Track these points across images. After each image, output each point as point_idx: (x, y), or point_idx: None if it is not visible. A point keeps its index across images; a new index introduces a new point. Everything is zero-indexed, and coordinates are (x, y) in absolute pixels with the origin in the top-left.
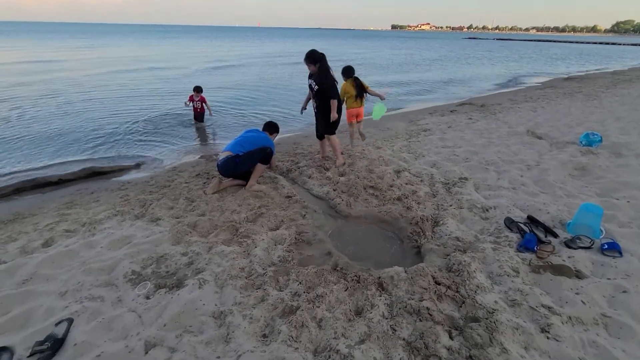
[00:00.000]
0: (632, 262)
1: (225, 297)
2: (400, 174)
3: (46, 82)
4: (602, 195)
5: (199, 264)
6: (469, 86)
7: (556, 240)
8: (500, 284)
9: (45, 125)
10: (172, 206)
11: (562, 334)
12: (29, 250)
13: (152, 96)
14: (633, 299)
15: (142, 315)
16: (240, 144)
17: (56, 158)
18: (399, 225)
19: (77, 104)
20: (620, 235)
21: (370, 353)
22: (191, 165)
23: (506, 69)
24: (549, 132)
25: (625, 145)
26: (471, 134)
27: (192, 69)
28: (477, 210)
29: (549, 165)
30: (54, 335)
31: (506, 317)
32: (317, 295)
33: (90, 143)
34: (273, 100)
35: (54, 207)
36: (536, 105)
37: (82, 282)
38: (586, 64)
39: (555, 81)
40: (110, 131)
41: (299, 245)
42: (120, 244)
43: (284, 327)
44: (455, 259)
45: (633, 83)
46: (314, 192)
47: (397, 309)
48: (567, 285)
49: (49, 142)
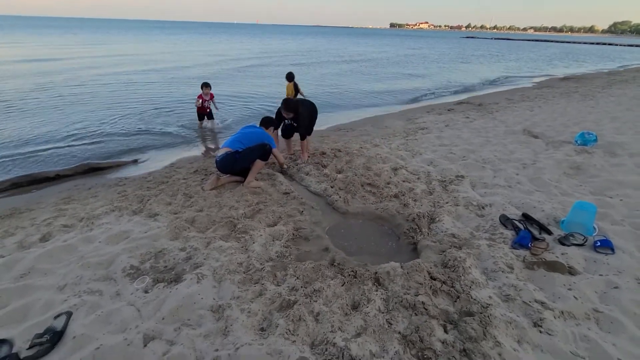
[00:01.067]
0: (624, 259)
1: (224, 292)
2: (398, 172)
3: (42, 74)
4: (596, 194)
5: (197, 259)
6: (467, 85)
7: (550, 237)
8: (494, 279)
9: (40, 120)
10: (170, 202)
11: (555, 329)
12: (26, 245)
13: (150, 91)
14: (624, 295)
15: (141, 309)
16: (238, 140)
17: (53, 153)
18: (396, 221)
19: (70, 97)
20: (612, 232)
21: (366, 346)
22: (189, 162)
23: (504, 68)
24: (545, 132)
25: (620, 145)
26: (468, 133)
27: (213, 68)
28: (473, 208)
29: (544, 164)
30: (53, 328)
31: (500, 311)
32: (315, 290)
33: (87, 139)
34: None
35: (51, 203)
36: (533, 105)
37: (81, 276)
38: (584, 64)
39: (552, 81)
40: (107, 127)
41: (296, 241)
42: (118, 239)
43: (281, 321)
44: (450, 255)
45: (629, 84)
46: (311, 188)
47: (393, 304)
48: (560, 281)
49: (45, 137)
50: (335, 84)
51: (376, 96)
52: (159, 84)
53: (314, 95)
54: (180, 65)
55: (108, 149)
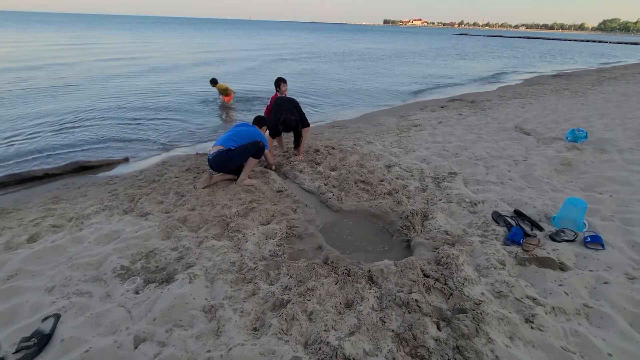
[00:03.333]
0: (614, 254)
1: (216, 292)
2: (391, 169)
3: (31, 68)
4: (586, 190)
5: (189, 258)
6: (460, 82)
7: (541, 233)
8: (487, 276)
9: (28, 116)
10: (161, 201)
11: (546, 324)
12: (13, 246)
13: (145, 87)
14: (613, 290)
15: (132, 310)
16: (231, 138)
17: (41, 151)
18: (389, 219)
19: (60, 90)
20: (602, 228)
21: (360, 345)
22: (181, 160)
23: (496, 65)
24: (536, 128)
25: (610, 141)
26: (461, 130)
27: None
28: (465, 205)
29: (535, 160)
30: (40, 331)
31: (492, 308)
32: (308, 289)
33: (76, 135)
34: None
35: (39, 202)
36: (525, 102)
37: (70, 278)
38: (574, 60)
39: (543, 78)
40: (97, 123)
41: (290, 240)
42: (108, 239)
43: (274, 321)
44: (443, 252)
45: (618, 80)
46: (305, 186)
47: (386, 302)
48: (551, 277)
49: (33, 135)
50: (328, 80)
51: (368, 93)
52: (150, 79)
53: (306, 92)
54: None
55: (98, 146)
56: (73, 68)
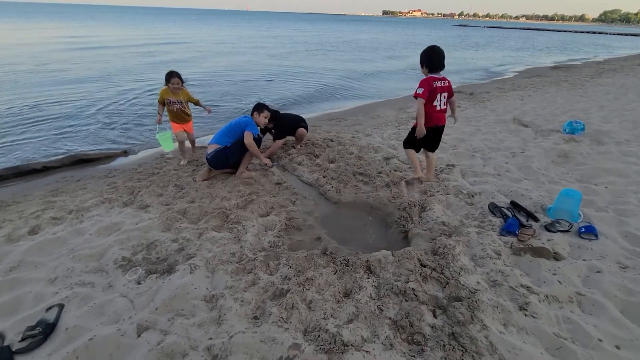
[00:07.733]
0: (607, 244)
1: (217, 282)
2: (389, 161)
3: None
4: (582, 181)
5: (189, 249)
6: (458, 73)
7: (537, 224)
8: (482, 265)
9: (27, 110)
10: (161, 193)
11: (539, 312)
12: (14, 238)
13: (142, 80)
14: (606, 279)
15: (134, 300)
16: (225, 134)
17: (39, 144)
18: (388, 210)
19: (58, 82)
20: (597, 219)
21: (358, 332)
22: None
23: (496, 56)
24: (534, 120)
25: (607, 133)
26: (459, 122)
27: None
28: (462, 196)
29: (533, 152)
30: (45, 320)
31: (487, 296)
32: (307, 279)
33: (75, 128)
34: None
35: (39, 195)
36: (523, 94)
37: (72, 269)
38: (574, 52)
39: (542, 70)
40: (96, 116)
41: (289, 231)
42: (109, 230)
43: (274, 309)
44: (440, 243)
45: (617, 72)
46: (303, 178)
47: (384, 290)
48: (545, 266)
49: (32, 128)
50: (327, 72)
51: (368, 84)
52: (149, 71)
53: (309, 88)
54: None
55: (97, 138)
56: (72, 60)
